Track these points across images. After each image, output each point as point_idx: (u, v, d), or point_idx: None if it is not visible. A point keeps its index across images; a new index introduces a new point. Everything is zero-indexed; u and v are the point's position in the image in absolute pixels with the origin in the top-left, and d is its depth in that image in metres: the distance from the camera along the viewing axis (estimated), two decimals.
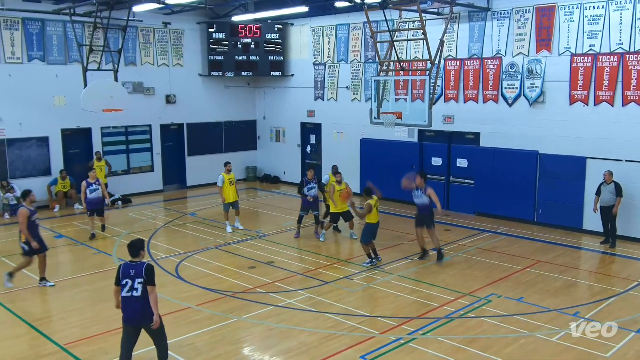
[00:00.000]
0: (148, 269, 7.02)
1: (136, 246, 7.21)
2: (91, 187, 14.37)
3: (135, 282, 6.97)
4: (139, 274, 6.97)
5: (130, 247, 7.22)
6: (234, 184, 15.04)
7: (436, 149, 17.74)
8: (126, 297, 7.02)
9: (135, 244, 7.23)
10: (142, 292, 6.98)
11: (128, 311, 7.08)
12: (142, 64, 19.95)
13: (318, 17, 20.25)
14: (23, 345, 8.56)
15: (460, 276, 11.55)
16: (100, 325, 9.17)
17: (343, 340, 8.60)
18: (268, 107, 23.02)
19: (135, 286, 6.97)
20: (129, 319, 7.10)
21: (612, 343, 8.42)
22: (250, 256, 12.97)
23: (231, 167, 15.20)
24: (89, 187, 14.36)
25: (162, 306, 9.87)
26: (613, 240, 13.50)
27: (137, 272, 6.98)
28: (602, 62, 14.07)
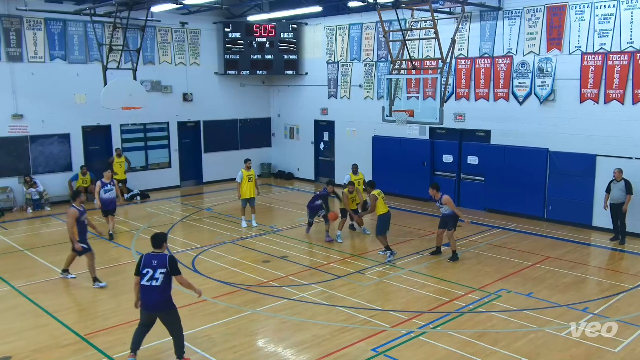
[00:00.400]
0: (171, 259, 7.27)
1: (159, 238, 7.46)
2: (106, 187, 13.97)
3: (156, 272, 7.17)
4: (161, 265, 7.17)
5: (154, 238, 7.47)
6: (252, 181, 15.01)
7: (447, 146, 17.65)
8: (145, 286, 7.20)
9: (158, 236, 7.50)
10: (162, 282, 7.18)
11: (146, 299, 7.25)
12: (160, 63, 20.05)
13: (331, 16, 20.21)
14: (45, 335, 8.66)
15: (470, 271, 11.50)
16: (119, 316, 9.24)
17: (355, 333, 8.60)
18: (282, 105, 23.03)
19: (156, 276, 7.17)
20: (147, 307, 7.29)
21: (621, 338, 8.34)
22: (265, 250, 13.00)
23: (251, 165, 15.27)
24: (104, 187, 13.94)
25: (178, 299, 9.94)
26: (622, 237, 13.36)
27: (159, 262, 7.19)
28: (613, 61, 13.90)
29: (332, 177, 21.27)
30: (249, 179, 14.93)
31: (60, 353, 8.06)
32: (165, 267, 7.16)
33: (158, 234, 7.58)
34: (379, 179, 18.46)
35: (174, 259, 7.33)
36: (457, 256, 12.24)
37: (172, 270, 7.21)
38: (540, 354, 7.96)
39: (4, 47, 16.78)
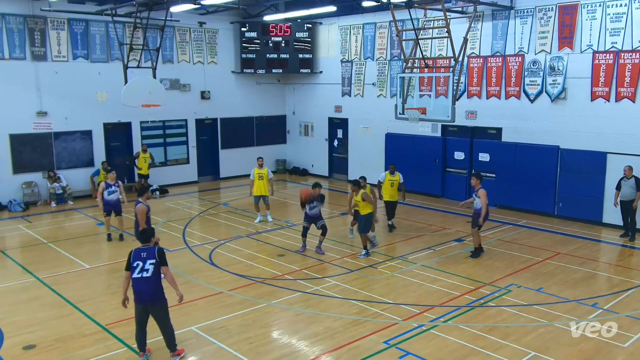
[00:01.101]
0: (160, 250, 7.38)
1: (148, 233, 7.63)
2: (110, 189, 13.35)
3: (146, 263, 7.26)
4: (151, 256, 7.27)
5: (143, 233, 7.65)
6: (263, 179, 14.77)
7: (459, 143, 17.54)
8: (137, 279, 7.28)
9: (147, 231, 7.69)
10: (153, 273, 7.25)
11: (138, 291, 7.33)
12: (179, 62, 20.13)
13: (346, 16, 20.15)
14: (67, 325, 8.76)
15: (481, 266, 11.43)
16: None
17: (367, 326, 8.60)
18: (297, 103, 23.03)
19: (146, 267, 7.26)
20: (139, 299, 7.36)
21: (631, 334, 8.25)
22: (280, 245, 13.03)
23: (262, 162, 15.13)
24: (108, 188, 13.34)
25: (196, 291, 10.05)
26: (633, 234, 13.19)
27: (149, 254, 7.30)
28: (624, 59, 13.71)
29: (345, 173, 21.28)
30: (259, 177, 14.78)
31: (83, 342, 8.15)
32: (154, 258, 7.26)
33: (146, 229, 7.84)
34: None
35: (163, 250, 7.44)
36: (479, 253, 12.02)
37: (161, 260, 7.31)
38: (549, 348, 7.89)
39: (29, 46, 16.96)
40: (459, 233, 13.92)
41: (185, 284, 10.43)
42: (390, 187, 13.97)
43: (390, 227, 14.19)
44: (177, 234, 14.01)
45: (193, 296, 9.69)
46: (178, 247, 12.95)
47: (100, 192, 13.38)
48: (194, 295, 9.77)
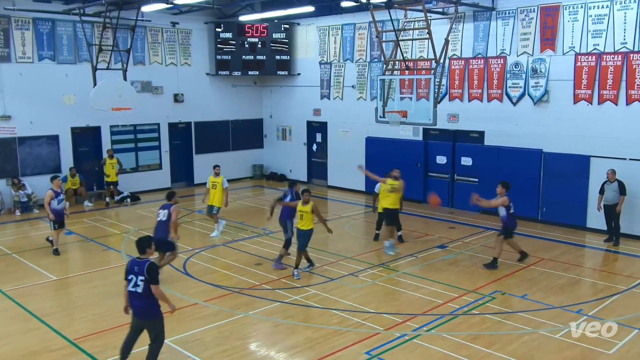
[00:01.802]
0: (150, 267, 7.06)
1: (143, 243, 7.28)
2: (60, 197, 12.76)
3: (138, 279, 7.06)
4: (141, 272, 7.03)
5: (138, 244, 7.30)
6: (217, 188, 14.16)
7: (441, 147, 17.71)
8: (131, 292, 7.16)
9: (142, 241, 7.32)
10: (144, 289, 7.05)
11: (132, 306, 7.24)
12: (151, 64, 20.00)
13: (324, 16, 20.23)
14: (34, 339, 8.61)
15: (464, 273, 11.54)
16: (109, 320, 9.21)
17: (349, 337, 8.61)
18: (275, 106, 23.03)
19: (138, 283, 7.06)
20: (134, 313, 7.27)
21: (616, 340, 8.40)
22: (257, 253, 12.99)
23: (219, 171, 14.50)
24: (57, 197, 12.69)
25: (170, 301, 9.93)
26: (617, 239, 13.44)
27: (140, 269, 7.05)
28: (607, 62, 14.00)
29: (324, 179, 21.32)
30: (213, 185, 14.23)
31: (50, 358, 8.02)
32: (144, 275, 7.01)
33: (142, 239, 7.36)
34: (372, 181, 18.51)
35: (154, 266, 7.13)
36: (496, 265, 11.81)
37: (150, 278, 7.01)
38: (534, 356, 8.00)
39: None
40: (442, 239, 14.04)
41: None
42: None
43: (399, 239, 13.77)
44: None
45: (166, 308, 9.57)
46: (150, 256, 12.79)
47: (48, 202, 12.66)
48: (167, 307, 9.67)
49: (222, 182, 14.27)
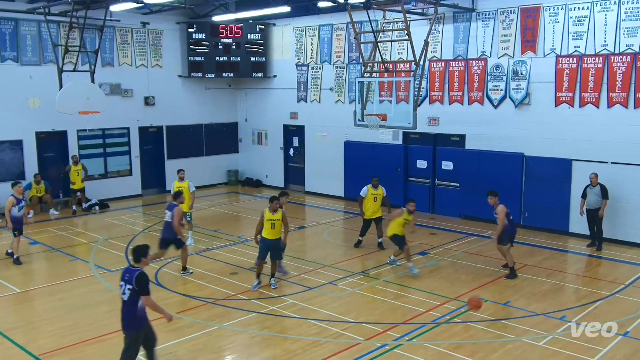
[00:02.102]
0: (139, 278, 6.95)
1: (138, 252, 7.22)
2: (21, 204, 12.70)
3: (126, 287, 7.02)
4: (130, 281, 6.98)
5: (133, 251, 7.27)
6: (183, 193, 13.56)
7: (421, 151, 17.82)
8: (121, 300, 7.14)
9: (137, 250, 7.25)
10: (129, 298, 7.01)
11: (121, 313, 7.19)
12: (120, 65, 19.80)
13: (300, 17, 20.26)
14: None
15: (446, 280, 11.60)
16: (76, 334, 9.05)
17: (328, 347, 8.59)
18: (250, 109, 22.96)
19: (125, 291, 7.03)
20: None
21: (599, 347, 8.50)
22: (232, 262, 12.90)
23: (184, 175, 14.42)
24: (19, 203, 12.63)
25: None
26: (599, 243, 13.65)
27: (130, 278, 7.01)
28: (587, 64, 14.25)
29: (302, 184, 21.30)
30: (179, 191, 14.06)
31: None
32: (132, 284, 6.92)
33: (138, 247, 7.28)
34: (352, 186, 18.62)
35: (143, 276, 7.00)
36: (516, 273, 11.72)
37: (139, 289, 6.94)
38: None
39: None
40: (423, 246, 14.11)
41: None
42: (373, 203, 13.67)
43: (380, 245, 13.83)
44: (119, 253, 13.70)
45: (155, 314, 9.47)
46: (120, 266, 12.60)
47: (9, 209, 12.54)
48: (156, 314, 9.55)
49: (188, 187, 14.20)
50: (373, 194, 13.70)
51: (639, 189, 13.63)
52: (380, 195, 13.75)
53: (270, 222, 10.82)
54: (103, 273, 12.17)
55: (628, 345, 8.62)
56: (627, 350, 8.45)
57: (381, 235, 13.87)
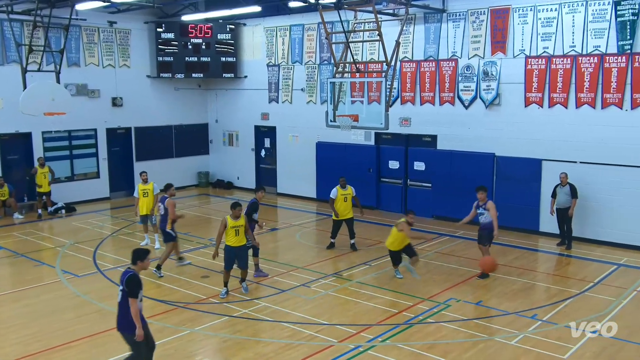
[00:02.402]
0: (129, 279, 7.02)
1: (134, 254, 7.26)
2: None
3: (119, 288, 7.12)
4: (122, 282, 7.05)
5: (132, 253, 7.31)
6: (148, 196, 13.95)
7: (393, 152, 17.94)
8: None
9: (135, 252, 7.31)
10: (122, 299, 7.08)
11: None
12: (87, 65, 19.50)
13: (271, 17, 20.22)
14: None
15: (419, 281, 11.67)
16: (42, 341, 8.88)
17: (301, 350, 8.58)
18: (220, 110, 22.83)
19: (119, 292, 7.12)
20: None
21: (570, 345, 8.66)
22: (204, 265, 12.80)
23: (147, 177, 14.26)
24: None
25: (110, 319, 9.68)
26: (569, 242, 13.91)
27: (122, 279, 7.08)
28: (556, 65, 14.51)
29: (274, 186, 21.25)
30: (144, 193, 13.98)
31: None
32: (123, 285, 7.01)
33: (136, 250, 7.36)
34: (324, 187, 18.62)
35: (133, 278, 6.99)
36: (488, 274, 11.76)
37: (128, 290, 6.97)
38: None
39: None
40: None
41: (97, 313, 10.11)
42: (344, 203, 13.65)
43: (353, 247, 13.88)
44: (86, 257, 13.49)
45: (107, 325, 9.34)
46: (88, 271, 12.46)
47: None
48: (108, 324, 9.42)
49: (153, 189, 14.09)
50: (343, 194, 13.74)
51: (607, 188, 13.94)
52: (350, 195, 13.79)
53: (234, 229, 10.58)
54: (70, 278, 11.96)
55: (597, 342, 8.80)
56: (596, 347, 8.63)
57: (353, 237, 13.93)
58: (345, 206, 13.73)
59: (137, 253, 7.26)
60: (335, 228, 13.94)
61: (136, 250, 7.32)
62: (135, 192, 14.33)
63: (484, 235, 11.97)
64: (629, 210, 13.71)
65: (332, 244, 14.06)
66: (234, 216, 10.61)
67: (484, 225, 11.98)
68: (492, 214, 11.78)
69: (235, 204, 10.75)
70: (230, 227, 10.58)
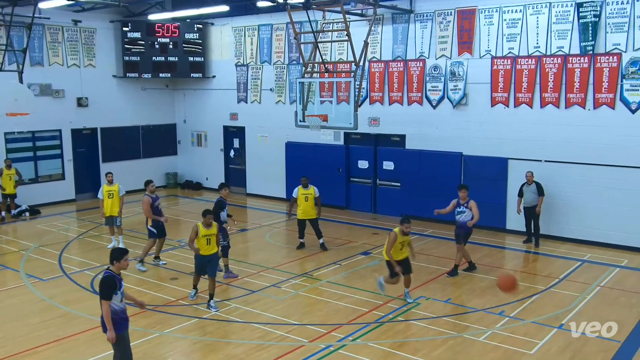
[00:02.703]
0: (101, 281, 6.96)
1: (112, 254, 7.14)
2: None
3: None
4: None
5: (110, 253, 7.21)
6: (113, 197, 13.81)
7: (362, 151, 18.03)
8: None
9: (113, 252, 7.20)
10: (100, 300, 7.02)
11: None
12: (50, 65, 19.13)
13: (239, 17, 20.14)
14: None
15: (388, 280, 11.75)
16: (7, 347, 8.71)
17: (272, 351, 8.57)
18: (188, 110, 22.64)
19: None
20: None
21: (536, 340, 8.85)
22: (173, 267, 12.69)
23: (112, 178, 14.05)
24: None
25: (77, 323, 9.60)
26: (537, 239, 14.16)
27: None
28: (521, 65, 14.78)
29: (243, 186, 21.17)
30: (109, 195, 13.80)
31: None
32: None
33: (113, 250, 7.27)
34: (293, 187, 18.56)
35: (102, 280, 6.94)
36: (457, 271, 12.03)
37: (99, 292, 6.93)
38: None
39: None
40: (366, 246, 14.28)
41: (63, 317, 9.94)
42: (304, 202, 13.74)
43: (322, 247, 13.89)
44: (52, 260, 13.25)
45: (74, 330, 9.21)
46: (54, 275, 12.24)
47: None
48: (74, 328, 9.29)
49: (118, 190, 13.93)
50: (303, 194, 13.79)
51: (572, 186, 14.25)
52: (312, 195, 13.79)
53: (205, 238, 10.27)
54: (35, 282, 11.73)
55: (562, 337, 9.00)
56: (561, 342, 8.83)
57: (320, 236, 13.96)
58: (306, 206, 13.74)
59: (114, 253, 7.13)
60: (300, 228, 13.99)
61: (113, 251, 7.20)
62: (99, 194, 14.03)
63: (462, 235, 12.01)
64: (593, 207, 14.03)
65: (301, 244, 14.07)
66: (205, 224, 10.28)
67: (461, 224, 12.00)
68: (475, 212, 11.84)
69: (207, 211, 10.45)
70: (202, 235, 10.22)
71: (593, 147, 13.92)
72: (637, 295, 10.85)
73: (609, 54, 13.54)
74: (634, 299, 10.66)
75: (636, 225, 13.51)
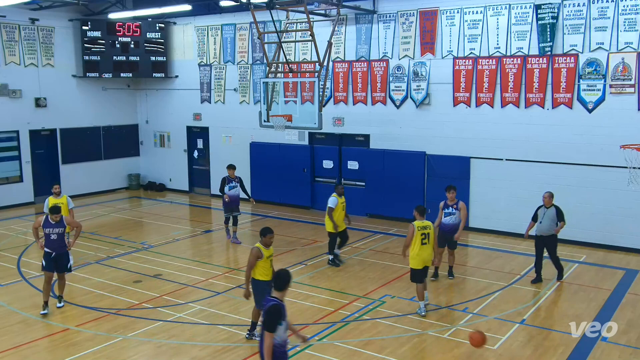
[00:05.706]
0: (266, 309, 6.31)
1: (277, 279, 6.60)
2: None
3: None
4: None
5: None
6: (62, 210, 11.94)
7: (327, 151, 18.07)
8: None
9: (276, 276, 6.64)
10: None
11: None
12: (7, 64, 18.62)
13: (202, 16, 19.96)
14: None
15: (354, 279, 11.83)
16: None
17: (238, 352, 8.52)
18: (151, 111, 22.32)
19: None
20: None
21: (499, 335, 9.01)
22: (135, 270, 12.50)
23: (60, 190, 12.79)
24: None
25: (36, 329, 9.40)
26: (560, 273, 11.59)
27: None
28: (482, 65, 15.02)
29: (207, 187, 20.99)
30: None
31: None
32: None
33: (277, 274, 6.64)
34: (258, 188, 18.60)
35: (270, 309, 6.27)
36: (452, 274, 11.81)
37: (263, 322, 6.34)
38: (425, 357, 8.39)
39: None
40: None
41: (21, 323, 9.68)
42: (341, 212, 12.63)
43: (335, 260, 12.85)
44: (10, 265, 12.91)
45: (33, 336, 8.99)
46: (12, 280, 11.93)
47: None
48: (34, 334, 9.07)
49: (67, 202, 12.57)
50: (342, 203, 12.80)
51: (530, 184, 14.49)
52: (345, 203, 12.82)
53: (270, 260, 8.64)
54: None
55: (525, 332, 9.20)
56: (523, 337, 9.02)
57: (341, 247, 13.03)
58: (341, 215, 12.70)
59: (280, 279, 6.55)
60: (334, 241, 12.68)
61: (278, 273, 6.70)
62: (44, 207, 12.39)
63: (447, 238, 11.50)
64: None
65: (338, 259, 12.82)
66: (265, 244, 8.51)
67: (449, 228, 11.44)
68: (463, 214, 11.44)
69: (267, 230, 8.55)
70: (267, 257, 8.53)
71: (552, 145, 14.24)
72: (595, 290, 11.16)
73: (566, 55, 13.88)
74: (592, 294, 10.95)
75: (594, 222, 13.89)
